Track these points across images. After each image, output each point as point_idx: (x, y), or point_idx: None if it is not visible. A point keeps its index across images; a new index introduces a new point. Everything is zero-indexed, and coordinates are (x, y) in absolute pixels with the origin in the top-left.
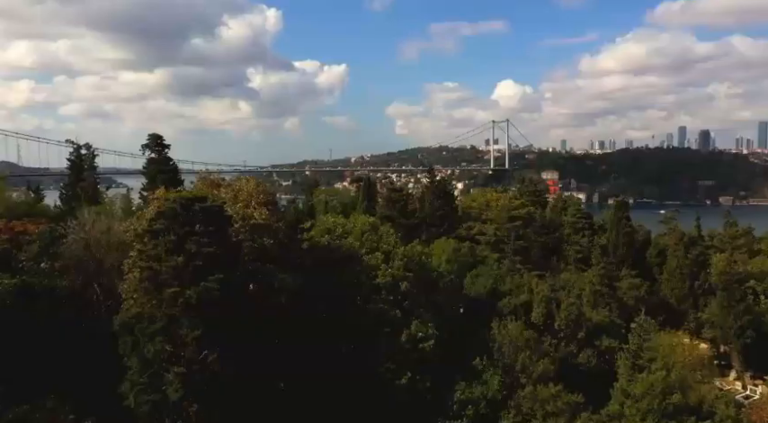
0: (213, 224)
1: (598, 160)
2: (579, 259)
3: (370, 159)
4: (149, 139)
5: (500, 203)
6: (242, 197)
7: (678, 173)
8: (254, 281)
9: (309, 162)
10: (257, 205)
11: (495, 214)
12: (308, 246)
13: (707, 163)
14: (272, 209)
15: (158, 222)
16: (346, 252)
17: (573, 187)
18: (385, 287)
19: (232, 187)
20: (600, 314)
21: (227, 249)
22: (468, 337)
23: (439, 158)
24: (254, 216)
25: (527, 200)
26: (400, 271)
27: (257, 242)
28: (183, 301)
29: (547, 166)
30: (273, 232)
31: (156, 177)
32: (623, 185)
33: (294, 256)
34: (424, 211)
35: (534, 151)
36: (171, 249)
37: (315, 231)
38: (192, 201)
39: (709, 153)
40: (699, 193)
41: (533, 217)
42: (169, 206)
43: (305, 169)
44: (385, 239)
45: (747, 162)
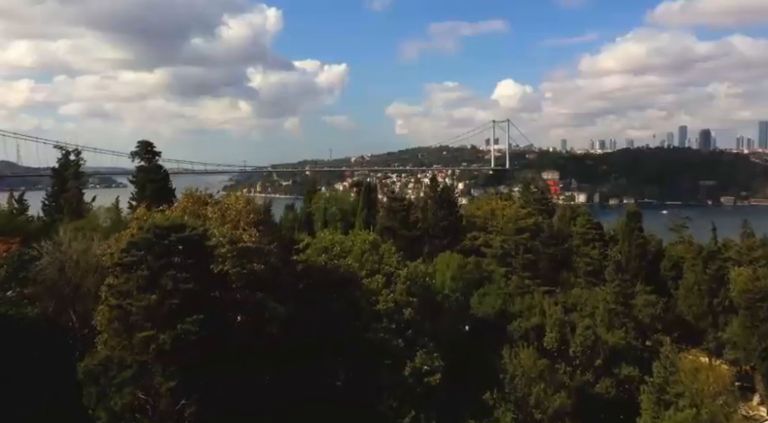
0: (193, 256)
1: (598, 160)
2: (590, 272)
3: (370, 159)
4: (138, 146)
5: (506, 212)
6: (230, 217)
7: (679, 173)
8: (242, 312)
9: (309, 162)
10: (247, 226)
11: (502, 225)
12: (303, 267)
13: (707, 163)
14: (263, 229)
15: (130, 254)
16: (344, 274)
17: (573, 187)
18: (386, 314)
19: (220, 205)
20: (616, 336)
21: (209, 284)
22: (476, 365)
23: (439, 158)
24: (242, 238)
25: (533, 208)
26: (403, 296)
27: (246, 267)
28: (155, 348)
29: (547, 166)
30: (265, 255)
31: (146, 186)
32: (624, 185)
33: (287, 281)
34: (427, 221)
35: (535, 151)
36: (143, 286)
37: (311, 250)
38: (168, 230)
39: (710, 153)
40: (700, 193)
41: (541, 227)
42: (141, 237)
43: (305, 169)
44: (386, 260)
45: (748, 162)
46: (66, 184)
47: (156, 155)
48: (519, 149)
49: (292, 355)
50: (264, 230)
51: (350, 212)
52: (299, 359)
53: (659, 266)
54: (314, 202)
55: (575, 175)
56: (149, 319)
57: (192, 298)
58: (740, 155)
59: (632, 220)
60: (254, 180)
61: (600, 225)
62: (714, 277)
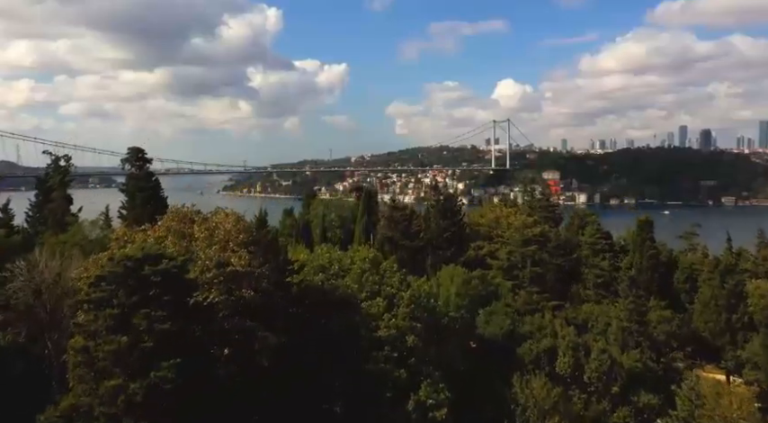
0: (170, 291)
1: (599, 160)
2: (600, 284)
3: (370, 159)
4: (129, 153)
5: (511, 220)
6: (219, 237)
7: (679, 173)
8: (229, 343)
9: (309, 162)
10: (236, 247)
11: (509, 236)
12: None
13: (708, 163)
14: (254, 250)
15: (99, 288)
16: (343, 296)
17: (574, 187)
18: (388, 341)
19: (207, 224)
20: (632, 358)
21: (190, 321)
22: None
23: (439, 158)
24: (231, 262)
25: (539, 215)
26: (406, 321)
27: (234, 294)
28: (124, 399)
29: (548, 166)
30: (255, 280)
31: (136, 195)
32: (624, 186)
33: (280, 306)
34: (430, 231)
35: (535, 151)
36: (113, 326)
37: (307, 268)
38: (142, 261)
39: (711, 153)
40: (701, 193)
41: (548, 236)
42: (111, 270)
43: (305, 169)
44: (388, 279)
45: (749, 162)
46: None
47: (148, 161)
48: (519, 149)
49: (285, 388)
50: (256, 250)
51: (349, 219)
52: (292, 393)
53: (672, 278)
54: (312, 209)
55: (575, 175)
56: (119, 364)
57: (168, 339)
58: (741, 155)
59: (644, 230)
60: (254, 180)
61: (609, 235)
62: (732, 292)
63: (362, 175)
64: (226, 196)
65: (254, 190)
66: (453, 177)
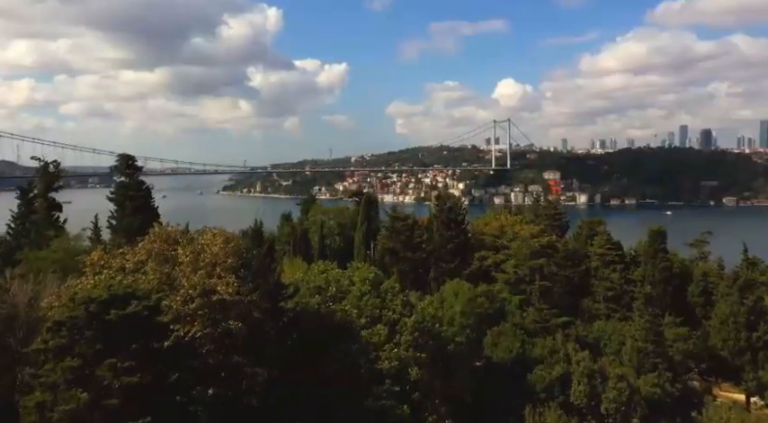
0: (140, 337)
1: (600, 160)
2: (610, 298)
3: (370, 159)
4: (118, 161)
5: (516, 229)
6: (205, 261)
7: (680, 173)
8: (214, 383)
9: (309, 161)
10: (224, 272)
11: (515, 248)
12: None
13: (709, 163)
14: (244, 274)
15: (58, 335)
16: (341, 322)
17: (575, 188)
18: (390, 374)
19: (193, 246)
20: (649, 381)
21: (163, 371)
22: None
23: (439, 158)
24: (217, 289)
25: (545, 223)
26: (409, 351)
27: (221, 326)
28: None
29: (548, 166)
30: (244, 309)
31: (125, 204)
32: (625, 186)
33: (271, 337)
34: (433, 242)
35: (535, 151)
36: (72, 380)
37: (303, 289)
38: (107, 305)
39: (712, 153)
40: (702, 193)
41: (555, 247)
42: (70, 315)
43: (305, 169)
44: (389, 303)
45: (750, 162)
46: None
47: (138, 169)
48: (520, 149)
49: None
50: (246, 275)
51: (349, 226)
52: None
53: (686, 291)
54: (311, 216)
55: (576, 175)
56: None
57: (137, 394)
58: (742, 155)
59: (656, 241)
60: (254, 180)
61: (620, 245)
62: (752, 309)
63: (362, 175)
64: (226, 196)
65: (254, 190)
66: (453, 177)
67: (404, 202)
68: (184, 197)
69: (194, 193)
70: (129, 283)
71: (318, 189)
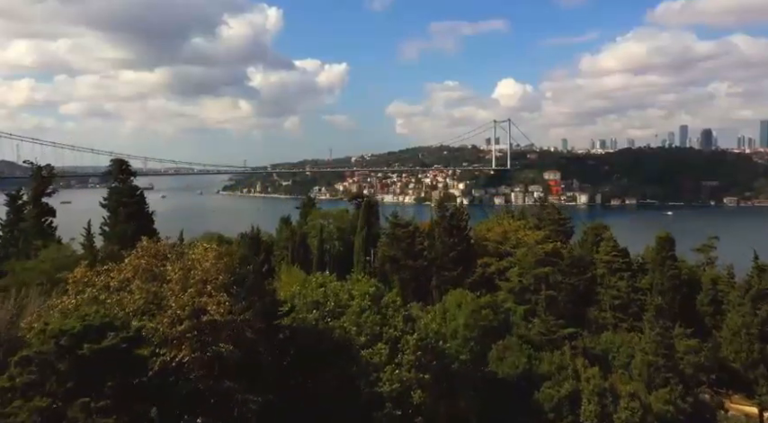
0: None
1: (600, 160)
2: (617, 306)
3: (370, 159)
4: (111, 165)
5: (520, 235)
6: (195, 278)
7: (681, 173)
8: (203, 412)
9: (310, 161)
10: (215, 290)
11: (520, 256)
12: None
13: (709, 163)
14: (236, 291)
15: (26, 371)
16: (339, 340)
17: (575, 188)
18: (391, 397)
19: (183, 262)
20: (660, 398)
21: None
22: None
23: (440, 158)
24: (207, 309)
25: (549, 229)
26: (412, 373)
27: (211, 349)
28: None
29: (549, 166)
30: (237, 329)
31: (119, 210)
32: (625, 186)
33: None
34: (435, 250)
35: (536, 151)
36: (41, 422)
37: (299, 302)
38: (80, 338)
39: (712, 153)
40: (702, 193)
41: (560, 254)
42: (39, 350)
43: (305, 169)
44: (391, 320)
45: (750, 162)
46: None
47: (132, 174)
48: (520, 149)
49: None
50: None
51: (348, 231)
52: None
53: (695, 300)
54: (310, 220)
55: (576, 175)
56: None
57: None
58: (742, 155)
59: (663, 248)
60: (254, 180)
61: (626, 252)
62: (766, 320)
63: (363, 175)
64: (226, 196)
65: (254, 190)
66: (454, 177)
67: (404, 202)
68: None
69: (194, 193)
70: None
71: (318, 189)
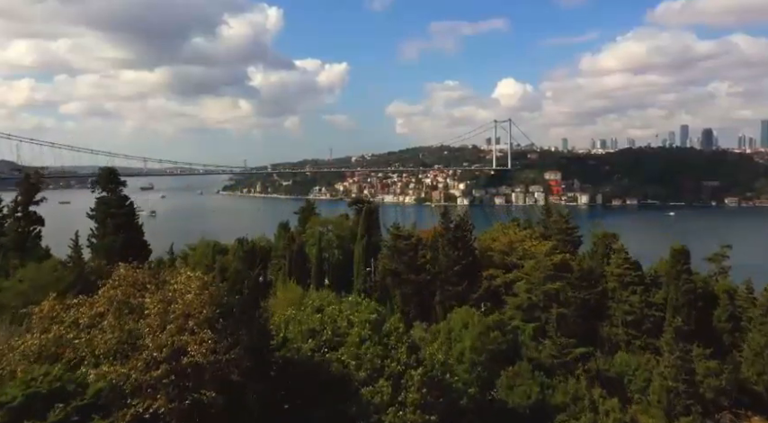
0: None
1: (601, 160)
2: (630, 322)
3: (370, 159)
4: (100, 175)
5: (526, 246)
6: (176, 311)
7: (682, 173)
8: None
9: (310, 161)
10: (197, 326)
11: (528, 270)
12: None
13: (710, 163)
14: (222, 325)
15: None
16: (336, 375)
17: (576, 188)
18: None
19: (163, 294)
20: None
21: None
22: None
23: (440, 158)
24: (188, 350)
25: (557, 238)
26: (417, 414)
27: (191, 396)
28: None
29: (549, 166)
30: (221, 371)
31: (106, 222)
32: (626, 186)
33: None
34: (439, 264)
35: (536, 151)
36: None
37: (293, 329)
38: (22, 412)
39: (713, 153)
40: (703, 193)
41: (569, 266)
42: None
43: (305, 169)
44: (393, 351)
45: (751, 162)
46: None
47: (121, 184)
48: (520, 149)
49: None
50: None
51: (348, 238)
52: None
53: (711, 314)
54: (308, 228)
55: (577, 175)
56: None
57: None
58: (743, 155)
59: (678, 261)
60: (254, 180)
61: (639, 264)
62: None
63: (363, 175)
64: (226, 196)
65: (254, 190)
66: (454, 178)
67: (404, 202)
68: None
69: (194, 193)
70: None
71: (318, 189)
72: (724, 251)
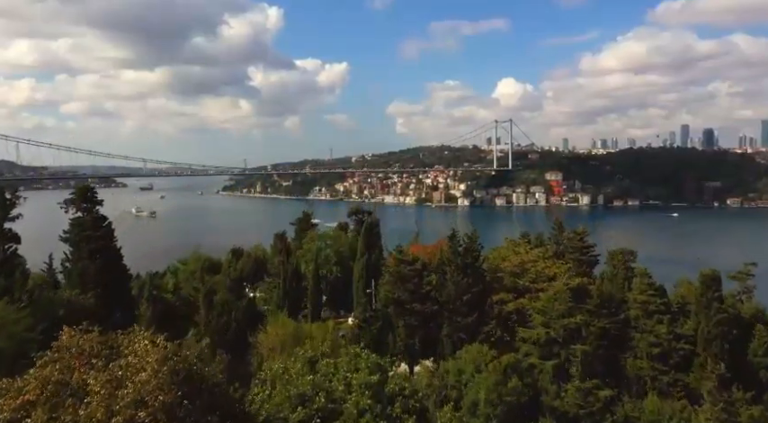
0: None
1: (602, 160)
2: (656, 355)
3: (371, 159)
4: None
5: (539, 267)
6: (126, 398)
7: (683, 173)
8: None
9: (310, 161)
10: (151, 418)
11: (545, 301)
12: None
13: (712, 163)
14: (186, 411)
15: None
16: None
17: (577, 189)
18: None
19: (111, 372)
20: None
21: None
22: None
23: (440, 158)
24: None
25: (571, 258)
26: None
27: None
28: None
29: (550, 166)
30: None
31: (81, 246)
32: (628, 187)
33: None
34: (446, 292)
35: (537, 151)
36: None
37: (279, 396)
38: None
39: (714, 153)
40: (705, 194)
41: (587, 291)
42: None
43: (305, 169)
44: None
45: (753, 162)
46: None
47: (98, 203)
48: (521, 149)
49: None
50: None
51: (347, 255)
52: None
53: (744, 346)
54: (305, 243)
55: (578, 175)
56: None
57: None
58: (745, 155)
59: (709, 288)
60: (255, 180)
61: (663, 290)
62: None
63: (363, 175)
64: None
65: (254, 190)
66: (455, 178)
67: (405, 202)
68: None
69: (194, 193)
70: None
71: (318, 189)
72: (748, 269)
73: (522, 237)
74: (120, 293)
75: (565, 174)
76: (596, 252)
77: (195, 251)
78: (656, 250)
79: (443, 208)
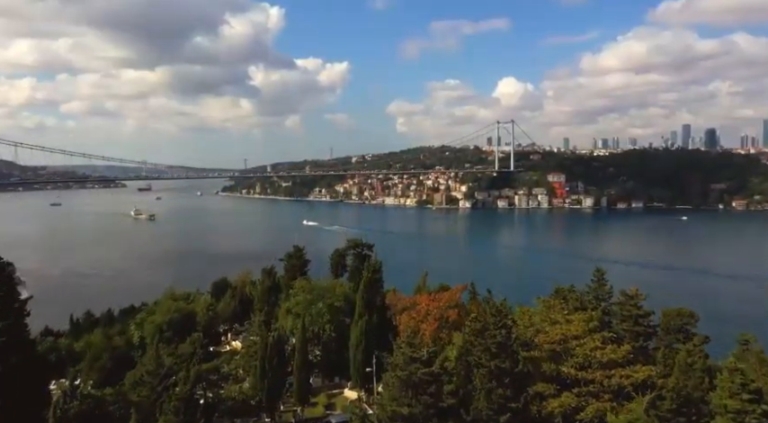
0: None
1: (605, 161)
2: None
3: (371, 159)
4: None
5: (588, 348)
6: None
7: (687, 175)
8: None
9: (310, 161)
10: None
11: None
12: None
13: (716, 165)
14: None
15: None
16: None
17: (580, 190)
18: None
19: None
20: None
21: None
22: None
23: (441, 159)
24: None
25: (623, 328)
26: None
27: None
28: None
29: (552, 167)
30: None
31: None
32: (631, 189)
33: None
34: (476, 407)
35: (539, 151)
36: None
37: None
38: None
39: (719, 154)
40: (711, 196)
41: (655, 385)
42: None
43: (305, 170)
44: None
45: (758, 164)
46: None
47: None
48: (523, 149)
49: None
50: None
51: (342, 311)
52: None
53: None
54: (294, 295)
55: (581, 177)
56: None
57: None
58: (750, 156)
59: None
60: (254, 181)
61: (760, 391)
62: None
63: (363, 176)
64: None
65: (254, 191)
66: (456, 179)
67: (405, 204)
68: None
69: (193, 193)
70: None
71: (318, 190)
72: None
73: (556, 293)
74: None
75: (567, 175)
76: (653, 321)
77: (169, 288)
78: (685, 259)
79: (444, 210)
